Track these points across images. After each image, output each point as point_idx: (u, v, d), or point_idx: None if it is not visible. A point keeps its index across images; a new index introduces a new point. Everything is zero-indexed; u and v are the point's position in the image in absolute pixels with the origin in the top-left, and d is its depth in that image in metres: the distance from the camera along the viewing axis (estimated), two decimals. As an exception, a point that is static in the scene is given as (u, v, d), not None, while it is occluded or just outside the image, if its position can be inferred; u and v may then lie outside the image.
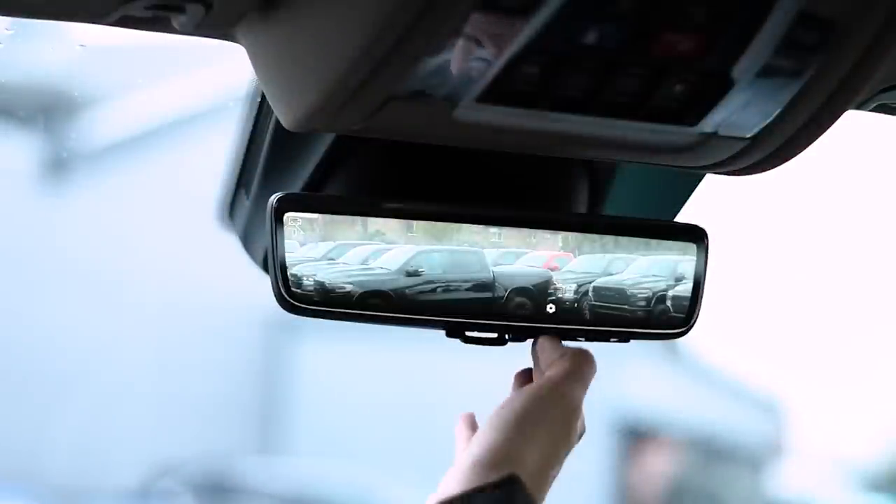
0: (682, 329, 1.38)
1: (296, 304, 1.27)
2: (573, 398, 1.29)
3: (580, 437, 1.31)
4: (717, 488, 14.53)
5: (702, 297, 1.37)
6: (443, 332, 1.34)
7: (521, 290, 1.32)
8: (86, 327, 11.47)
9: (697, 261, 1.37)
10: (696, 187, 1.51)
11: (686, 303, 1.36)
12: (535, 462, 1.24)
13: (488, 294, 1.31)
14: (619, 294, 1.34)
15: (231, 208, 1.58)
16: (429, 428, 11.96)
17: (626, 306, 1.35)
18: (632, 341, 1.39)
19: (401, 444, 12.26)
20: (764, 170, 1.23)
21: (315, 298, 1.27)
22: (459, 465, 1.24)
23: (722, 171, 1.24)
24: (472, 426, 1.35)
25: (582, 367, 1.31)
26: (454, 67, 1.06)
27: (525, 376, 1.37)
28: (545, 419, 1.27)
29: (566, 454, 1.28)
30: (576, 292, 1.33)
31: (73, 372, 11.29)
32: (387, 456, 12.04)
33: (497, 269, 1.31)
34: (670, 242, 1.37)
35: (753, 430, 15.81)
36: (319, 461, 11.28)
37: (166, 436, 11.65)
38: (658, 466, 13.64)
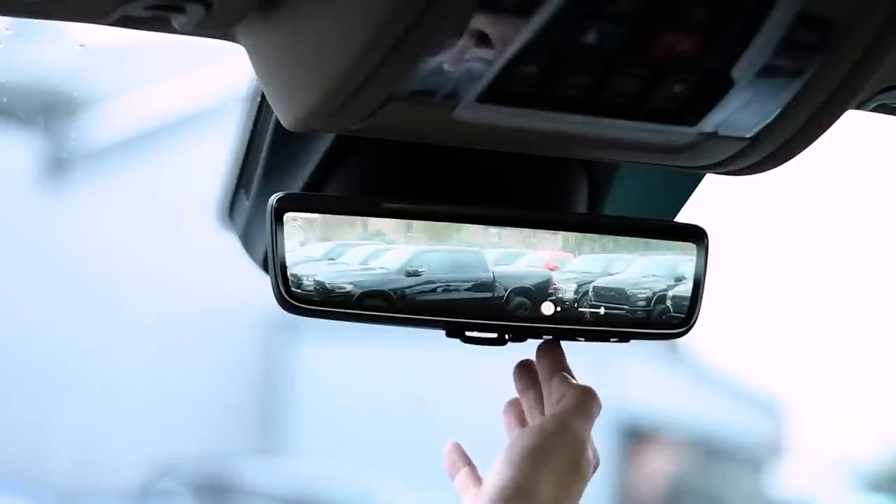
0: (682, 329, 1.38)
1: (296, 304, 1.27)
2: (579, 433, 1.33)
3: (595, 470, 1.35)
4: (718, 488, 14.53)
5: (702, 297, 1.37)
6: (443, 332, 1.34)
7: (521, 290, 1.32)
8: (85, 327, 11.47)
9: (697, 261, 1.37)
10: (696, 187, 1.51)
11: (686, 303, 1.36)
12: (549, 495, 1.29)
13: (488, 294, 1.31)
14: (618, 294, 1.34)
15: (231, 208, 1.58)
16: (428, 428, 11.96)
17: (626, 306, 1.35)
18: (632, 341, 1.39)
19: (401, 444, 12.25)
20: (764, 170, 1.23)
21: (315, 298, 1.27)
22: (479, 501, 1.30)
23: (722, 171, 1.24)
24: (461, 455, 1.42)
25: (585, 402, 1.35)
26: (454, 67, 1.06)
27: (515, 407, 1.41)
28: (554, 454, 1.31)
29: (580, 487, 1.33)
30: (576, 292, 1.33)
31: (72, 372, 11.29)
32: (387, 456, 12.04)
33: (497, 269, 1.31)
34: (670, 242, 1.37)
35: (753, 430, 15.80)
36: (319, 461, 11.28)
37: (166, 436, 11.64)
38: (658, 466, 13.64)
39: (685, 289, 1.36)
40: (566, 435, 1.32)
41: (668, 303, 1.36)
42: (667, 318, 1.36)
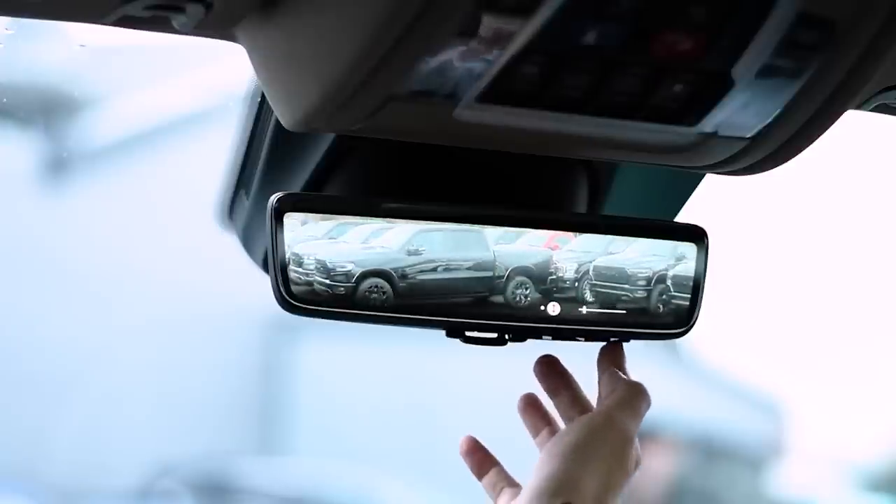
0: (683, 329, 1.38)
1: (296, 304, 1.27)
2: (626, 428, 1.33)
3: (637, 467, 1.35)
4: (718, 488, 14.52)
5: (702, 296, 1.38)
6: (442, 333, 1.34)
7: (521, 269, 1.32)
8: (85, 327, 11.46)
9: (697, 261, 1.37)
10: (696, 187, 1.51)
11: (686, 282, 1.36)
12: (593, 489, 1.29)
13: (489, 273, 1.31)
14: (619, 273, 1.35)
15: (231, 208, 1.58)
16: (429, 428, 11.96)
17: (626, 286, 1.35)
18: (632, 341, 1.39)
19: (401, 444, 12.25)
20: (764, 170, 1.23)
21: (315, 292, 1.27)
22: (524, 496, 1.30)
23: (722, 171, 1.25)
24: (481, 449, 1.41)
25: (634, 398, 1.36)
26: (454, 67, 1.06)
27: (533, 406, 1.40)
28: (600, 449, 1.32)
29: (624, 483, 1.33)
30: (576, 272, 1.33)
31: (72, 372, 11.28)
32: (387, 456, 12.04)
33: (498, 248, 1.31)
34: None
35: (753, 430, 15.79)
36: (319, 461, 11.28)
37: (166, 436, 11.64)
38: (658, 466, 13.63)
39: (685, 268, 1.37)
40: (613, 430, 1.33)
41: (669, 282, 1.36)
42: (667, 304, 1.36)
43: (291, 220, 1.27)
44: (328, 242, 1.28)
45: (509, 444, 1.71)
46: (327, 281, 1.28)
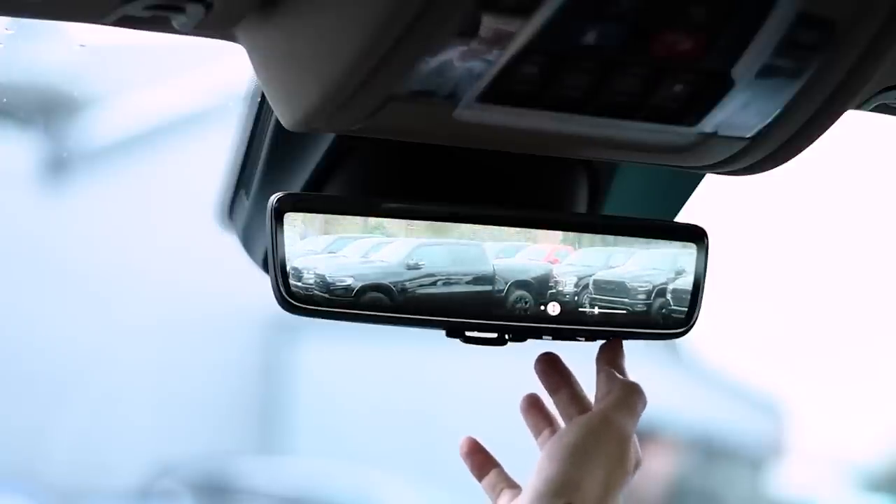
0: (683, 329, 1.38)
1: (296, 304, 1.27)
2: (623, 428, 1.33)
3: (637, 467, 1.35)
4: (718, 488, 14.52)
5: (702, 296, 1.38)
6: (442, 333, 1.34)
7: (521, 284, 1.32)
8: (85, 327, 11.46)
9: (697, 261, 1.37)
10: (696, 187, 1.51)
11: (686, 296, 1.37)
12: (594, 490, 1.30)
13: (488, 287, 1.31)
14: (619, 287, 1.35)
15: (231, 208, 1.58)
16: (428, 428, 11.96)
17: (626, 299, 1.35)
18: (632, 341, 1.39)
19: (401, 445, 12.25)
20: (764, 170, 1.23)
21: (315, 296, 1.27)
22: (524, 497, 1.31)
23: (722, 171, 1.25)
24: (481, 451, 1.41)
25: (630, 397, 1.36)
26: (454, 67, 1.06)
27: (535, 406, 1.40)
28: (599, 449, 1.32)
29: (623, 483, 1.33)
30: (576, 285, 1.33)
31: (72, 372, 11.28)
32: (387, 456, 12.03)
33: (497, 263, 1.31)
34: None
35: (753, 430, 15.79)
36: (319, 461, 11.28)
37: (166, 436, 11.64)
38: (658, 466, 13.63)
39: (685, 282, 1.37)
40: (611, 430, 1.33)
41: (668, 296, 1.36)
42: (667, 316, 1.36)
43: (291, 224, 1.27)
44: (327, 257, 1.28)
45: (509, 446, 1.71)
46: (326, 296, 1.28)
